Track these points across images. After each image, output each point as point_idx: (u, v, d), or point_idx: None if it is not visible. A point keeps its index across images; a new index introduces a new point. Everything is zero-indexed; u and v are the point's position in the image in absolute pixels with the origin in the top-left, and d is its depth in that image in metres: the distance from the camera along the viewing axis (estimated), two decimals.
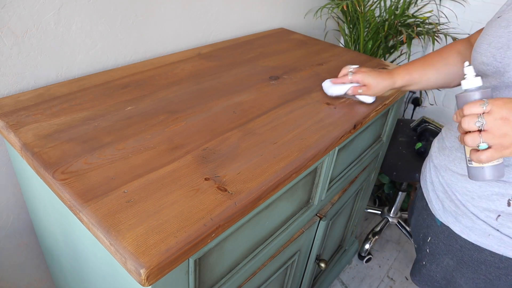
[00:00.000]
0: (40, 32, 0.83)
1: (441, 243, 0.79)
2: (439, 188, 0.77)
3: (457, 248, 0.75)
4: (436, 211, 0.79)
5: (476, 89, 0.58)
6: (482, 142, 0.55)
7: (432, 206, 0.80)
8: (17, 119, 0.73)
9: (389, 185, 1.90)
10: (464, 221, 0.72)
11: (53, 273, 1.04)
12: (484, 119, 0.54)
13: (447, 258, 0.79)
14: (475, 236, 0.71)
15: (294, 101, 0.89)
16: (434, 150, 0.82)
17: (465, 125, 0.55)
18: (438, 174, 0.77)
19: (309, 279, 1.17)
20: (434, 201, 0.79)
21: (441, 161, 0.76)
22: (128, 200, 0.56)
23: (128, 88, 0.88)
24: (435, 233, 0.80)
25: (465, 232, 0.72)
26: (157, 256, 0.48)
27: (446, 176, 0.75)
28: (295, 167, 0.68)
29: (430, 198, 0.81)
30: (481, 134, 0.54)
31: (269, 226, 0.77)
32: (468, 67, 0.58)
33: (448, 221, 0.75)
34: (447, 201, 0.75)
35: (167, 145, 0.69)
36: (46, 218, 0.81)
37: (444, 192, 0.76)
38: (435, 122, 1.59)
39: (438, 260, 0.81)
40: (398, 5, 1.49)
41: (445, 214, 0.76)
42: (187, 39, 1.17)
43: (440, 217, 0.78)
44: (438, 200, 0.78)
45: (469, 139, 0.55)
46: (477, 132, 0.55)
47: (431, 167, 0.81)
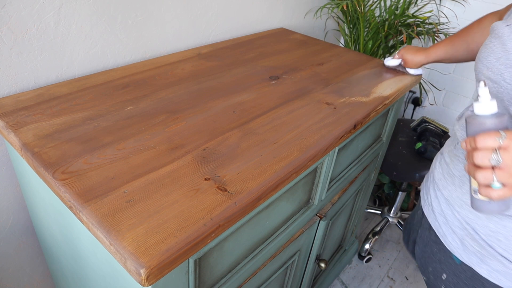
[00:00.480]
0: (40, 32, 0.83)
1: (462, 283, 0.70)
2: (456, 224, 0.68)
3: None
4: (454, 249, 0.69)
5: (491, 116, 0.50)
6: (495, 181, 0.48)
7: (448, 243, 0.70)
8: (17, 119, 0.73)
9: (389, 185, 1.90)
10: (492, 264, 0.63)
11: (53, 273, 1.04)
12: (500, 157, 0.47)
13: None
14: (508, 281, 0.62)
15: (294, 101, 0.89)
16: (438, 176, 0.73)
17: (478, 160, 0.49)
18: (451, 208, 0.69)
19: (309, 279, 1.17)
20: (450, 238, 0.70)
21: (452, 192, 0.68)
22: (128, 200, 0.56)
23: (128, 88, 0.88)
24: (453, 271, 0.71)
25: (495, 276, 0.63)
26: (157, 256, 0.48)
27: (463, 212, 0.66)
28: (295, 167, 0.68)
29: (443, 233, 0.71)
30: (495, 171, 0.48)
31: (269, 226, 0.77)
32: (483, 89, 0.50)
33: (472, 262, 0.66)
34: (468, 240, 0.66)
35: (167, 145, 0.69)
36: (46, 218, 0.81)
37: (462, 229, 0.66)
38: (435, 122, 1.59)
39: None
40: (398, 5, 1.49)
41: (467, 253, 0.66)
42: (187, 39, 1.17)
43: (460, 256, 0.68)
44: (456, 236, 0.68)
45: (481, 176, 0.49)
46: (490, 169, 0.49)
47: (440, 197, 0.72)
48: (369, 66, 1.14)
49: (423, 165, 1.46)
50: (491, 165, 0.48)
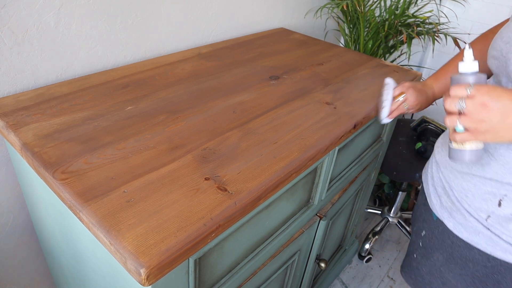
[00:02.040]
0: (40, 32, 0.83)
1: (435, 238, 0.79)
2: (439, 183, 0.78)
3: (449, 244, 0.76)
4: (433, 206, 0.79)
5: (471, 74, 0.58)
6: (459, 124, 0.57)
7: (430, 201, 0.80)
8: (17, 119, 0.73)
9: (389, 185, 1.90)
10: (457, 217, 0.73)
11: (53, 273, 1.04)
12: (464, 103, 0.55)
13: (438, 253, 0.79)
14: (467, 233, 0.71)
15: (294, 101, 0.89)
16: (437, 145, 0.82)
17: (447, 105, 0.58)
18: (438, 169, 0.78)
19: (309, 279, 1.17)
20: (432, 196, 0.80)
21: (442, 156, 0.77)
22: (128, 200, 0.56)
23: (128, 88, 0.88)
24: (430, 227, 0.81)
25: (458, 229, 0.73)
26: (157, 255, 0.48)
27: (446, 172, 0.75)
28: (295, 167, 0.68)
29: (429, 193, 0.81)
30: (460, 116, 0.56)
31: (269, 226, 0.77)
32: (467, 50, 0.58)
33: (443, 216, 0.76)
34: (445, 197, 0.75)
35: (167, 145, 0.69)
36: (46, 218, 0.81)
37: (442, 188, 0.76)
38: (435, 122, 1.59)
39: (428, 254, 0.82)
40: (398, 5, 1.49)
41: (441, 209, 0.76)
42: (187, 39, 1.17)
43: (436, 212, 0.78)
44: (437, 195, 0.78)
45: (448, 120, 0.58)
46: (457, 114, 0.57)
47: (433, 162, 0.82)
48: (369, 66, 1.14)
49: (423, 165, 1.45)
50: (457, 110, 0.56)
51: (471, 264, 0.73)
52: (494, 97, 0.53)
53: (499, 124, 0.54)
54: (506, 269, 0.69)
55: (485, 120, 0.54)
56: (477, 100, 0.54)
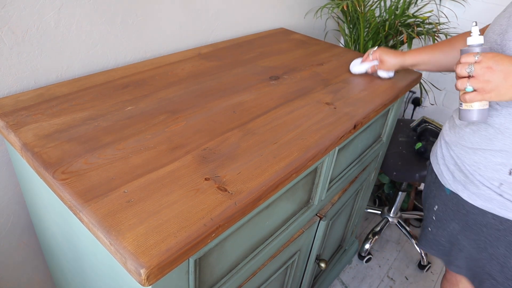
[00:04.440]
0: (40, 32, 0.83)
1: (449, 210, 0.89)
2: (450, 161, 0.86)
3: (463, 213, 0.85)
4: (446, 181, 0.88)
5: (478, 45, 0.68)
6: (468, 85, 0.67)
7: (443, 178, 0.89)
8: (17, 119, 0.73)
9: (389, 185, 1.90)
10: (471, 188, 0.81)
11: (53, 273, 1.04)
12: (473, 67, 0.66)
13: (454, 223, 0.88)
14: (480, 201, 0.80)
15: (294, 101, 0.89)
16: (445, 129, 0.91)
17: (458, 70, 0.68)
18: (449, 149, 0.87)
19: (309, 279, 1.17)
20: (445, 173, 0.88)
21: (452, 137, 0.85)
22: (128, 200, 0.56)
23: (128, 88, 0.88)
24: (443, 201, 0.90)
25: (472, 198, 0.81)
26: (157, 256, 0.48)
27: (457, 150, 0.84)
28: (295, 167, 0.68)
29: (441, 171, 0.90)
30: (469, 79, 0.67)
31: (269, 226, 0.77)
32: (474, 27, 0.68)
33: (457, 189, 0.84)
34: (457, 172, 0.84)
35: (167, 145, 0.69)
36: (46, 218, 0.81)
37: (454, 164, 0.85)
38: (435, 122, 1.59)
39: (444, 225, 0.92)
40: (398, 5, 1.49)
41: (455, 183, 0.85)
42: (187, 39, 1.17)
43: (450, 186, 0.87)
44: (449, 171, 0.87)
45: (459, 82, 0.69)
46: (466, 77, 0.67)
47: (442, 144, 0.90)
48: None
49: (423, 165, 1.46)
50: (467, 74, 0.67)
51: (485, 229, 0.82)
52: (498, 61, 0.64)
53: (502, 84, 0.64)
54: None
55: (490, 80, 0.64)
56: (483, 64, 0.65)
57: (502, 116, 0.72)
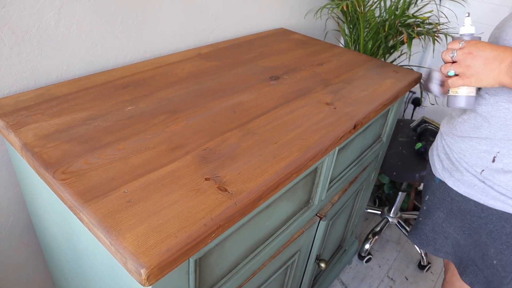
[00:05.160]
0: (40, 32, 0.83)
1: (436, 199, 0.91)
2: (441, 150, 0.89)
3: (448, 201, 0.87)
4: (436, 170, 0.90)
5: (468, 35, 0.72)
6: (450, 69, 0.70)
7: (434, 167, 0.91)
8: (17, 119, 0.73)
9: (389, 185, 1.90)
10: (456, 175, 0.84)
11: (53, 273, 1.04)
12: (455, 52, 0.69)
13: (439, 211, 0.91)
14: (464, 187, 0.83)
15: (294, 101, 0.89)
16: (443, 122, 0.93)
17: (443, 55, 0.72)
18: (442, 138, 0.90)
19: (309, 279, 1.17)
20: (436, 162, 0.91)
21: (446, 128, 0.88)
22: (128, 200, 0.56)
23: (128, 88, 0.88)
24: (432, 190, 0.92)
25: (456, 185, 0.84)
26: (158, 256, 0.48)
27: (447, 139, 0.87)
28: (295, 167, 0.68)
29: (433, 161, 0.92)
30: (452, 64, 0.70)
31: (269, 226, 0.77)
32: (467, 18, 0.72)
33: (444, 177, 0.87)
34: (446, 160, 0.87)
35: (167, 145, 0.69)
36: (46, 218, 0.81)
37: (445, 153, 0.88)
38: (435, 122, 1.59)
39: (431, 213, 0.94)
40: (398, 5, 1.49)
41: (443, 171, 0.88)
42: (187, 39, 1.17)
43: (438, 175, 0.89)
44: (439, 160, 0.89)
45: (443, 66, 0.72)
46: (450, 63, 0.71)
47: (438, 136, 0.93)
48: (369, 66, 1.14)
49: (423, 165, 1.46)
50: (450, 59, 0.70)
51: (468, 216, 0.84)
52: (479, 47, 0.67)
53: (481, 69, 0.67)
54: (497, 218, 0.80)
55: (471, 65, 0.67)
56: (465, 50, 0.68)
57: (489, 104, 0.75)
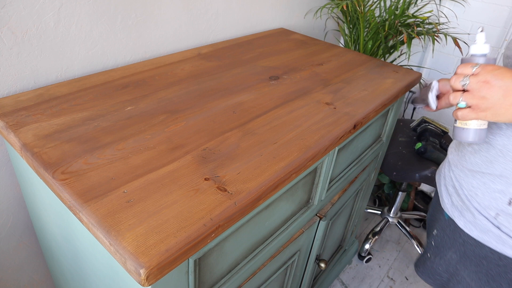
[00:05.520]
0: (40, 32, 0.83)
1: (446, 237, 0.80)
2: (450, 183, 0.79)
3: (460, 242, 0.76)
4: (445, 205, 0.80)
5: (480, 55, 0.59)
6: (461, 100, 0.59)
7: (442, 200, 0.81)
8: (17, 119, 0.73)
9: (389, 185, 1.90)
10: (467, 216, 0.73)
11: (53, 273, 1.04)
12: (468, 80, 0.57)
13: (451, 252, 0.80)
14: (477, 231, 0.71)
15: (294, 101, 0.89)
16: (451, 146, 0.83)
17: (452, 82, 0.60)
18: (450, 169, 0.79)
19: (309, 279, 1.16)
20: (444, 195, 0.81)
21: (454, 156, 0.78)
22: (128, 200, 0.56)
23: (128, 88, 0.88)
24: (442, 226, 0.82)
25: (468, 227, 0.73)
26: (157, 256, 0.48)
27: (456, 171, 0.76)
28: (295, 167, 0.68)
29: (442, 193, 0.82)
30: (463, 93, 0.59)
31: (269, 226, 0.77)
32: (480, 33, 0.60)
33: (454, 215, 0.76)
34: (455, 195, 0.76)
35: (167, 145, 0.69)
36: (46, 218, 0.81)
37: (453, 187, 0.77)
38: (435, 122, 1.59)
39: (442, 253, 0.83)
40: (398, 5, 1.49)
41: (452, 208, 0.77)
42: (187, 39, 1.17)
43: (447, 211, 0.79)
44: (448, 194, 0.79)
45: (452, 96, 0.60)
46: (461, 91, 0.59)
47: (446, 163, 0.83)
48: (369, 66, 1.14)
49: (423, 165, 1.46)
50: (461, 87, 0.59)
51: (485, 262, 0.73)
52: (498, 76, 0.55)
53: (500, 102, 0.55)
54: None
55: (487, 97, 0.56)
56: (480, 78, 0.56)
57: (505, 136, 0.64)
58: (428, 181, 1.44)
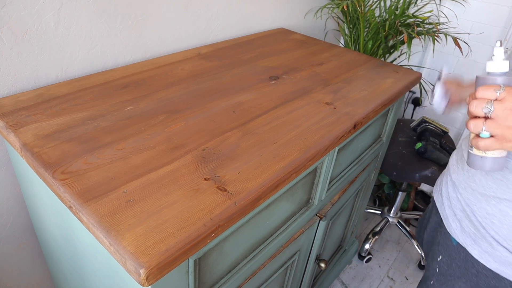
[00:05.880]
0: (40, 32, 0.83)
1: (455, 265, 0.73)
2: (457, 206, 0.71)
3: (473, 273, 0.69)
4: (452, 230, 0.72)
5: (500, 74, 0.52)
6: (484, 130, 0.51)
7: (448, 224, 0.74)
8: (17, 119, 0.73)
9: (389, 185, 1.90)
10: (483, 245, 0.66)
11: (53, 273, 1.04)
12: (493, 106, 0.50)
13: (460, 282, 0.72)
14: (495, 263, 0.65)
15: (294, 101, 0.89)
16: (452, 162, 0.76)
17: (472, 108, 0.52)
18: (456, 190, 0.72)
19: (309, 279, 1.16)
20: (450, 219, 0.73)
21: (460, 176, 0.71)
22: (127, 200, 0.56)
23: (128, 88, 0.88)
24: (449, 253, 0.74)
25: (484, 257, 0.66)
26: (157, 256, 0.48)
27: (465, 194, 0.69)
28: (295, 167, 0.68)
29: (446, 215, 0.75)
30: (486, 121, 0.51)
31: (269, 226, 0.77)
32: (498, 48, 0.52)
33: (466, 243, 0.69)
34: (466, 221, 0.69)
35: (167, 145, 0.69)
36: (46, 218, 0.81)
37: (462, 211, 0.70)
38: (435, 122, 1.59)
39: (449, 281, 0.75)
40: (398, 5, 1.49)
41: (463, 234, 0.70)
42: (187, 39, 1.17)
43: (457, 237, 0.71)
44: (456, 218, 0.72)
45: (472, 124, 0.52)
46: (483, 118, 0.51)
47: (449, 181, 0.75)
48: (369, 66, 1.14)
49: (423, 165, 1.46)
50: (484, 114, 0.51)
51: None
52: None
53: None
54: None
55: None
56: (507, 104, 0.49)
57: None
58: (428, 181, 1.44)
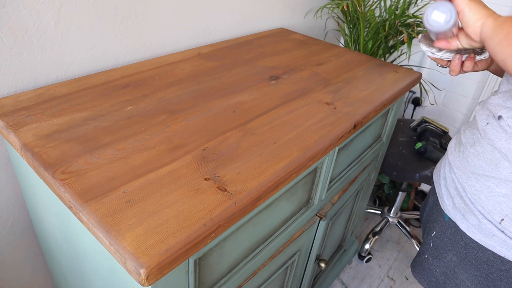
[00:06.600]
0: (40, 32, 0.83)
1: (447, 239, 0.79)
2: (451, 184, 0.78)
3: (462, 245, 0.76)
4: (445, 207, 0.79)
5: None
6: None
7: (443, 201, 0.80)
8: (17, 119, 0.73)
9: (389, 185, 1.90)
10: (471, 219, 0.72)
11: (53, 273, 1.04)
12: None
13: (451, 254, 0.79)
14: (480, 235, 0.71)
15: (294, 101, 0.89)
16: (450, 146, 0.82)
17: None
18: (451, 170, 0.78)
19: (309, 279, 1.16)
20: (445, 197, 0.80)
21: (455, 157, 0.77)
22: (128, 200, 0.56)
23: (128, 88, 0.88)
24: (442, 228, 0.81)
25: (471, 230, 0.73)
26: (157, 256, 0.48)
27: (458, 173, 0.75)
28: (295, 167, 0.68)
29: (442, 194, 0.81)
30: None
31: (269, 226, 0.77)
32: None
33: (456, 218, 0.76)
34: (458, 198, 0.76)
35: (167, 145, 0.69)
36: (46, 218, 0.81)
37: (455, 189, 0.76)
38: (435, 122, 1.59)
39: (441, 255, 0.82)
40: (398, 5, 1.49)
41: (454, 210, 0.76)
42: (187, 39, 1.17)
43: (449, 213, 0.78)
44: (449, 196, 0.78)
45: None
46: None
47: (446, 163, 0.82)
48: (369, 66, 1.14)
49: (423, 165, 1.46)
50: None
51: (486, 266, 0.73)
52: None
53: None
54: None
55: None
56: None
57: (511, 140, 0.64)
58: (428, 181, 1.44)
